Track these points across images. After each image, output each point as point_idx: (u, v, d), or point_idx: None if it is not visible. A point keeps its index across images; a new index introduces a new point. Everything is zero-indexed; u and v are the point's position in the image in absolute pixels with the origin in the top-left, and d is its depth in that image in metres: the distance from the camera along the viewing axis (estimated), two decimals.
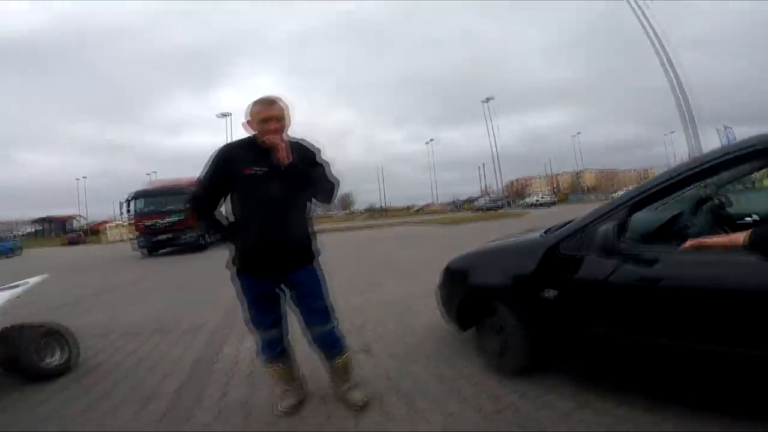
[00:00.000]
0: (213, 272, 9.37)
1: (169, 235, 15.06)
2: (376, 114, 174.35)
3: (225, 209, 2.13)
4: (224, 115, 31.70)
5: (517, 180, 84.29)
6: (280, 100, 2.06)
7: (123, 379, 2.89)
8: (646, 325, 1.82)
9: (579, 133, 74.67)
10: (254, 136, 2.03)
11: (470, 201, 57.23)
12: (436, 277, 3.21)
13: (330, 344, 2.19)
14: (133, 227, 16.29)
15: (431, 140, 69.63)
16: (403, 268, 7.41)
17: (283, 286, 2.13)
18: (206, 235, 15.83)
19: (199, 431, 2.13)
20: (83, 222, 45.60)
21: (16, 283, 3.07)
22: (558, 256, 2.18)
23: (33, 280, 3.17)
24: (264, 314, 2.13)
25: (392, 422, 2.06)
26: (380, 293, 5.40)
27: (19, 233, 39.96)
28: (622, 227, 1.91)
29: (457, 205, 54.90)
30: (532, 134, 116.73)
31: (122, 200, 15.85)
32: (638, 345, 1.86)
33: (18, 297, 2.94)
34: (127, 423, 2.23)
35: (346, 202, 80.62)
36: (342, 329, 2.30)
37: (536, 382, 2.28)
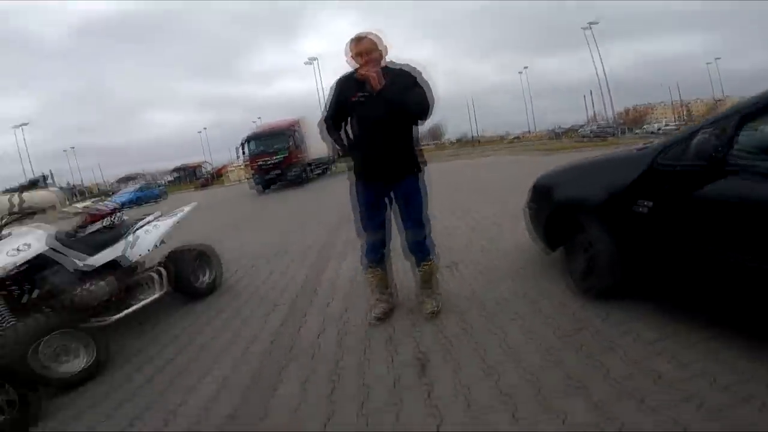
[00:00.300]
0: (314, 203, 10.47)
1: (278, 172, 16.79)
2: (461, 46, 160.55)
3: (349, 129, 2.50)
4: (311, 60, 31.98)
5: (634, 107, 71.49)
6: (370, 34, 2.36)
7: (252, 294, 3.56)
8: (751, 246, 1.59)
9: (718, 58, 59.41)
10: (355, 69, 2.34)
11: (574, 129, 50.95)
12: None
13: (420, 250, 2.51)
14: (248, 167, 18.44)
15: (525, 68, 63.16)
16: (494, 194, 7.29)
17: (391, 196, 2.47)
18: (305, 172, 17.59)
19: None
20: (209, 168, 52.33)
21: (175, 211, 3.72)
22: (655, 168, 1.97)
23: (187, 208, 3.80)
24: (372, 218, 2.50)
25: (469, 335, 2.25)
26: (469, 217, 5.53)
27: (163, 181, 47.48)
28: (730, 139, 1.64)
29: (558, 134, 49.18)
30: (652, 60, 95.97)
31: (237, 145, 17.86)
32: (739, 268, 1.64)
33: (178, 223, 3.58)
34: (259, 328, 2.80)
35: (436, 133, 79.26)
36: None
37: (622, 307, 2.21)
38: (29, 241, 2.52)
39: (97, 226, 3.24)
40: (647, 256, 2.06)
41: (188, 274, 3.44)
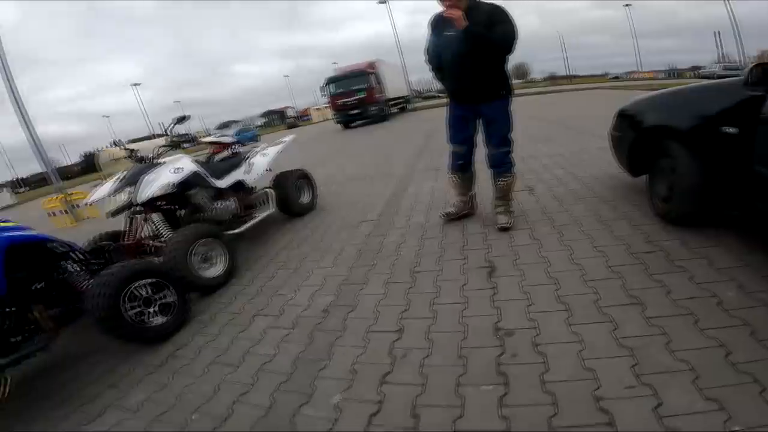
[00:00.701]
0: (394, 136, 10.76)
1: (358, 110, 17.30)
2: None
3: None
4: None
5: None
6: None
7: (344, 212, 4.05)
8: None
9: None
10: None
11: (696, 68, 42.58)
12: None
13: (501, 164, 2.78)
14: (331, 107, 19.28)
15: (628, 5, 52.83)
16: (579, 127, 6.91)
17: (479, 118, 2.75)
18: (383, 110, 18.01)
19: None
20: (294, 111, 55.66)
21: (277, 142, 4.23)
22: (745, 90, 1.89)
23: (287, 139, 4.35)
24: (457, 131, 2.85)
25: (537, 248, 2.42)
26: (552, 145, 5.46)
27: (256, 125, 51.45)
28: None
29: (674, 73, 41.52)
30: None
31: (320, 85, 18.70)
32: None
33: (281, 152, 4.11)
34: (349, 239, 3.25)
35: (522, 71, 72.49)
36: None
37: (700, 233, 2.19)
38: (182, 165, 3.08)
39: (224, 154, 3.87)
40: (731, 181, 2.01)
41: (292, 195, 4.02)
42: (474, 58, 2.50)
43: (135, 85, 57.73)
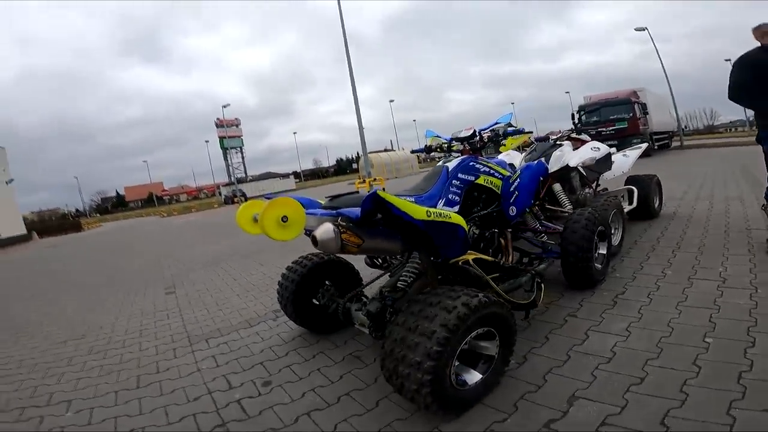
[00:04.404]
0: (677, 166, 9.53)
1: (614, 142, 15.97)
2: None
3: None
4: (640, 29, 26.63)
5: None
6: None
7: (683, 218, 4.02)
8: None
9: None
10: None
11: None
12: None
13: None
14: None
15: None
16: None
17: None
18: (651, 142, 16.05)
19: None
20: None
21: (634, 147, 4.52)
22: None
23: (643, 146, 4.60)
24: None
25: None
26: None
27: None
28: None
29: None
30: None
31: (571, 113, 18.17)
32: None
33: (638, 157, 4.33)
34: (678, 237, 3.23)
35: None
36: None
37: None
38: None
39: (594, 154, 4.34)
40: None
41: (650, 195, 4.25)
42: None
43: (390, 101, 59.82)
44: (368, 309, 1.97)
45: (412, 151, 3.31)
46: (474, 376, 1.66)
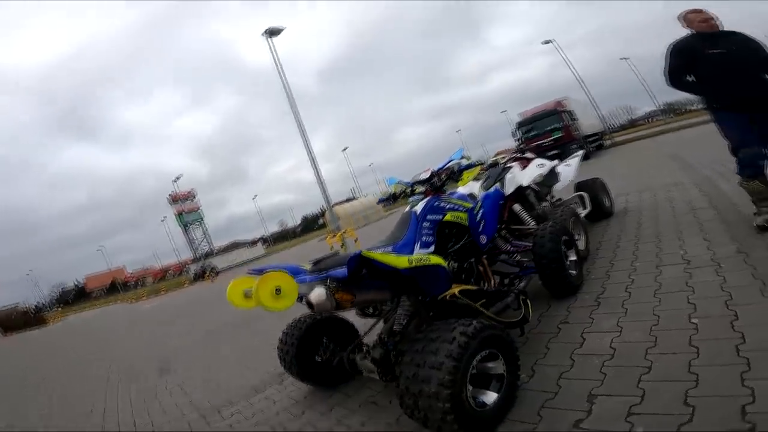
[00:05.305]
0: (620, 163, 10.27)
1: (557, 152, 17.09)
2: None
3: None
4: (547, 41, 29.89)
5: None
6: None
7: (630, 215, 4.35)
8: None
9: None
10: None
11: None
12: None
13: None
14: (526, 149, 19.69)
15: None
16: None
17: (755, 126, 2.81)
18: (585, 145, 17.26)
19: None
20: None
21: (574, 155, 4.84)
22: None
23: (580, 153, 4.96)
24: (744, 135, 2.87)
25: None
26: None
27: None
28: None
29: None
30: None
31: (511, 131, 19.36)
32: None
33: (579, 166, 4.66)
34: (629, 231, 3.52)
35: None
36: None
37: None
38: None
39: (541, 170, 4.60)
40: None
41: (600, 196, 4.57)
42: (749, 69, 2.77)
43: (344, 149, 57.76)
44: (373, 356, 2.07)
45: (379, 202, 3.43)
46: (490, 396, 1.76)
